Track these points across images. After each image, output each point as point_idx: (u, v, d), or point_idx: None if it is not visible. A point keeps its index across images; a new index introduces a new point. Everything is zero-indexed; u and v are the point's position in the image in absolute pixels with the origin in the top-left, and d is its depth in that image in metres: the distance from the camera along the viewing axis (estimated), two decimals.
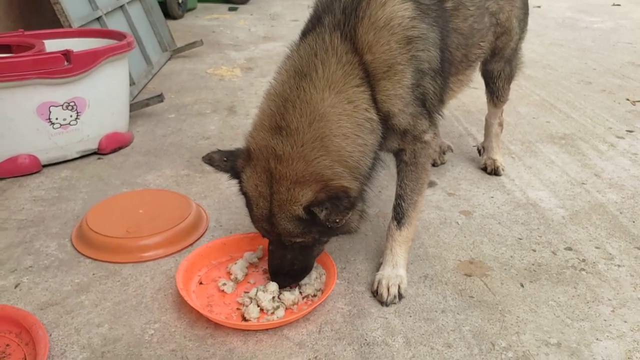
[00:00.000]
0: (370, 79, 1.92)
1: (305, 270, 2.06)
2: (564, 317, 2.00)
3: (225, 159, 1.97)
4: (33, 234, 2.50)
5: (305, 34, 2.07)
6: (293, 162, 1.81)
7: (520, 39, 2.89)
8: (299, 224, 1.85)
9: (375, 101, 1.94)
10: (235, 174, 1.96)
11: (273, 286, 2.03)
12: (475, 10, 2.37)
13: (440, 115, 2.25)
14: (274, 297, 2.00)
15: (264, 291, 2.01)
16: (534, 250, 2.40)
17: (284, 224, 1.86)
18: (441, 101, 2.20)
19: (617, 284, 2.18)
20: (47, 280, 2.19)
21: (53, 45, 3.38)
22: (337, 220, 1.79)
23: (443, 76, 2.15)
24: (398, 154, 2.19)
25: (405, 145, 2.13)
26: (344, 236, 2.22)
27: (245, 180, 1.91)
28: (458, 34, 2.28)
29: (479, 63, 2.77)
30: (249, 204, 1.96)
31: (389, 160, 2.29)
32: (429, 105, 2.10)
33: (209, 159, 1.97)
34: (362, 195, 2.00)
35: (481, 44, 2.52)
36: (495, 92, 3.01)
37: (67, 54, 2.99)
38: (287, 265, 2.00)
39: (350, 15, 1.95)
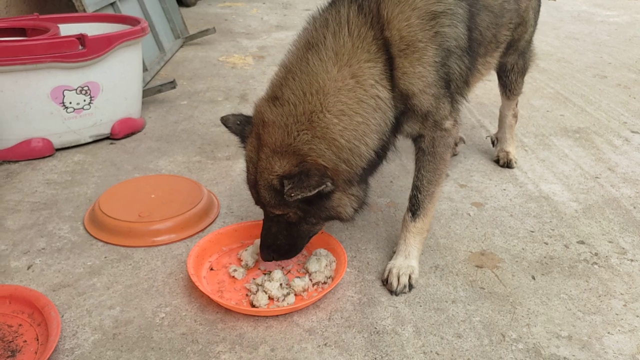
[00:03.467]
0: (388, 55, 1.86)
1: (290, 250, 2.04)
2: (576, 310, 1.99)
3: (238, 122, 2.03)
4: (46, 217, 2.52)
5: (325, 7, 2.03)
6: (274, 130, 1.83)
7: (534, 31, 2.85)
8: (274, 194, 1.86)
9: (393, 78, 1.88)
10: (243, 139, 2.00)
11: (278, 274, 2.04)
12: None
13: (465, 99, 2.16)
14: (281, 285, 2.01)
15: (270, 280, 2.02)
16: (546, 243, 2.39)
17: (263, 191, 1.89)
18: (467, 83, 2.12)
19: (629, 279, 2.17)
20: (60, 262, 2.21)
21: (67, 29, 3.40)
22: (292, 195, 1.74)
23: (471, 56, 2.06)
24: (416, 141, 2.13)
25: (425, 132, 2.07)
26: (348, 224, 2.18)
27: (246, 145, 1.97)
28: (489, 11, 2.21)
29: (504, 47, 2.64)
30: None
31: (402, 150, 2.27)
32: (454, 87, 2.02)
33: (225, 120, 2.06)
34: (362, 179, 1.94)
35: (510, 25, 2.45)
36: (508, 86, 2.94)
37: (81, 38, 2.99)
38: (270, 238, 2.01)
39: None
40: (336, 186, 1.85)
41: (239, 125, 2.02)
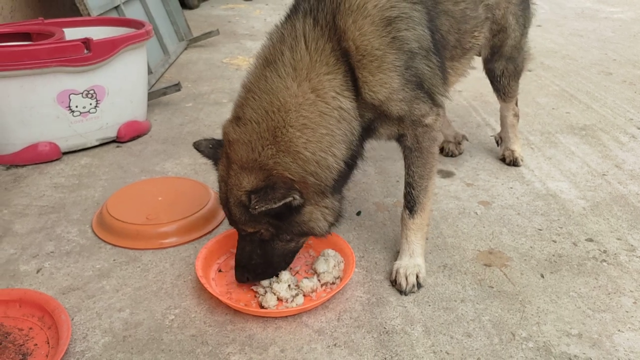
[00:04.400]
0: (349, 66, 1.85)
1: (267, 269, 2.00)
2: (585, 308, 1.99)
3: (210, 146, 2.03)
4: (54, 220, 2.53)
5: (282, 22, 2.03)
6: (239, 147, 1.83)
7: (523, 35, 2.78)
8: (244, 210, 1.84)
9: (357, 88, 1.87)
10: (215, 161, 2.00)
11: (286, 275, 2.03)
12: None
13: (446, 97, 2.14)
14: (290, 285, 2.01)
15: (278, 281, 2.01)
16: (554, 241, 2.38)
17: (234, 209, 1.88)
18: (444, 81, 2.10)
19: (639, 276, 2.16)
20: (69, 266, 2.22)
21: (72, 33, 3.41)
22: (257, 207, 1.72)
23: (439, 55, 2.05)
24: (400, 141, 2.12)
25: (406, 131, 2.06)
26: (354, 225, 2.18)
27: (218, 166, 1.97)
28: (449, 16, 2.20)
29: (474, 54, 2.62)
30: None
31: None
32: (428, 86, 2.01)
33: (198, 145, 2.06)
34: (336, 191, 1.93)
35: (475, 33, 2.43)
36: (501, 90, 2.91)
37: (86, 42, 3.00)
38: (245, 257, 1.98)
39: (325, 0, 1.89)
40: (306, 199, 1.84)
41: (211, 149, 2.02)
